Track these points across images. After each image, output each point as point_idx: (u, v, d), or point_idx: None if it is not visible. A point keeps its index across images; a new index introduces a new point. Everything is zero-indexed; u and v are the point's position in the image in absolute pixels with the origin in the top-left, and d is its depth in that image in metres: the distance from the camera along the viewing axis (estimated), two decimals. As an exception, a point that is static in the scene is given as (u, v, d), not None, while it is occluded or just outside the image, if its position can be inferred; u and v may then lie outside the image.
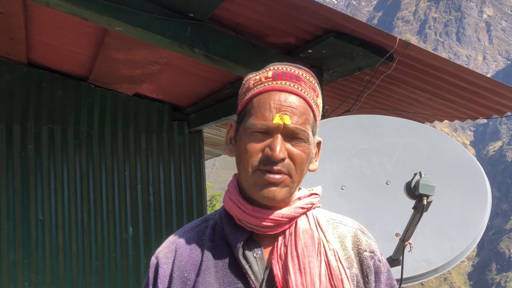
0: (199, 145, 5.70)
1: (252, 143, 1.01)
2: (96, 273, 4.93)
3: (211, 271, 1.02)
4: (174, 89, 5.05)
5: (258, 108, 1.01)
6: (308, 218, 1.06)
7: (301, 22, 2.87)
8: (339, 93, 3.94)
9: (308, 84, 1.05)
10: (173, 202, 5.42)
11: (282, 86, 1.02)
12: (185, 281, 1.03)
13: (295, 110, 1.00)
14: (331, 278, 1.01)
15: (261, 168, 0.99)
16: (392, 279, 1.13)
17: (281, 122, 0.98)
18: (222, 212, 1.10)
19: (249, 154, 1.01)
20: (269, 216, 1.01)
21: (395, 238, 1.88)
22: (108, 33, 3.47)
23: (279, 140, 0.98)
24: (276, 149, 0.97)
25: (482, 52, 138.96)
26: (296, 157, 1.00)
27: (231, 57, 3.04)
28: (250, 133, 1.01)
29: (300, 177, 1.03)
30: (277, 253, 1.01)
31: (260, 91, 1.03)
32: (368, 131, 2.24)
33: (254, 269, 1.01)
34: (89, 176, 5.03)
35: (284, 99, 1.01)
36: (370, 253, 1.10)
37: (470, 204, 2.03)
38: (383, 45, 2.96)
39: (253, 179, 1.00)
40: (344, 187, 2.08)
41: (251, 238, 1.04)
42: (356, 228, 1.13)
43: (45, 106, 4.87)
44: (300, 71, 1.07)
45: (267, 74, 1.05)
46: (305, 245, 1.01)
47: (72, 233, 4.86)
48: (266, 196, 0.99)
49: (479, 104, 3.86)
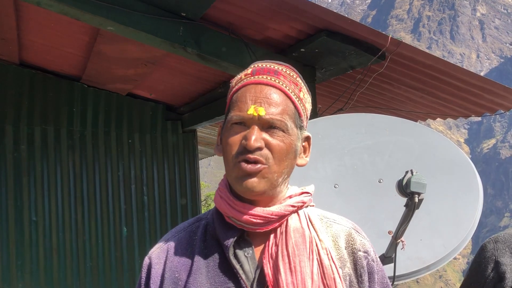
0: (193, 145, 5.69)
1: (231, 136, 1.02)
2: (91, 273, 4.91)
3: (202, 271, 1.01)
4: (167, 88, 5.04)
5: (236, 102, 1.03)
6: (300, 216, 1.06)
7: (293, 21, 2.88)
8: (332, 92, 3.95)
9: (288, 78, 1.06)
10: (167, 202, 5.41)
11: (259, 79, 1.04)
12: (176, 282, 1.03)
13: (271, 101, 1.01)
14: (324, 277, 1.00)
15: (239, 159, 1.00)
16: (386, 278, 1.13)
17: (256, 114, 0.99)
18: (214, 211, 1.10)
19: (229, 147, 1.01)
20: (258, 213, 1.01)
21: (388, 235, 1.89)
22: (100, 33, 3.46)
23: (254, 131, 0.99)
24: (251, 138, 0.98)
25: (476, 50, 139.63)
26: (273, 146, 1.00)
27: (224, 56, 3.04)
28: (229, 126, 1.03)
29: (279, 167, 1.01)
30: (268, 252, 1.01)
31: (239, 87, 1.05)
32: (360, 130, 2.25)
33: (245, 268, 1.00)
34: (82, 177, 5.01)
35: (259, 90, 1.02)
36: (364, 253, 1.09)
37: (461, 201, 2.04)
38: (375, 43, 2.97)
39: (233, 172, 1.01)
40: (337, 185, 2.09)
41: (242, 237, 1.04)
42: (350, 227, 1.13)
43: (38, 106, 4.84)
44: (280, 66, 1.08)
45: (247, 71, 1.08)
46: (295, 244, 1.01)
47: (66, 234, 4.84)
48: (245, 187, 0.99)
49: (471, 102, 3.88)
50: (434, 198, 1.92)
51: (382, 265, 1.84)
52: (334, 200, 2.02)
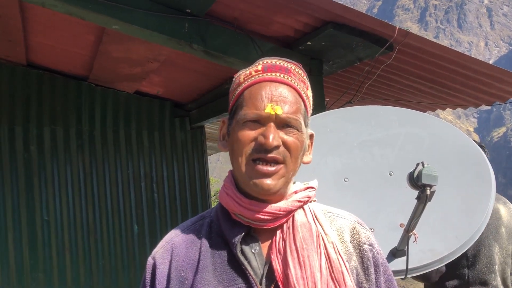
0: (201, 141, 5.70)
1: (244, 132, 1.01)
2: (103, 272, 4.95)
3: (209, 269, 1.01)
4: (174, 85, 5.04)
5: (250, 99, 1.02)
6: (305, 211, 1.06)
7: (299, 14, 2.86)
8: (340, 85, 3.92)
9: (297, 76, 1.06)
10: (177, 199, 5.43)
11: (273, 77, 1.04)
12: (182, 281, 1.02)
13: (286, 99, 1.01)
14: (332, 271, 1.00)
15: (254, 157, 1.00)
16: (389, 269, 1.14)
17: (273, 112, 0.99)
18: (219, 208, 1.10)
19: (242, 143, 1.01)
20: (266, 210, 1.01)
21: (400, 228, 1.87)
22: (106, 32, 3.46)
23: (272, 128, 0.99)
24: (270, 136, 0.98)
25: (484, 38, 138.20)
26: (290, 144, 1.01)
27: (230, 52, 3.03)
28: (242, 123, 1.02)
29: (295, 166, 1.03)
30: (275, 248, 1.01)
31: (251, 83, 1.05)
32: (369, 122, 2.22)
33: (253, 264, 1.00)
34: (92, 176, 5.04)
35: (275, 89, 1.02)
36: (369, 245, 1.09)
37: (474, 192, 2.01)
38: (382, 34, 2.93)
39: (246, 170, 1.01)
40: (347, 179, 2.07)
41: (249, 234, 1.03)
42: (354, 221, 1.13)
43: (46, 107, 4.87)
44: (289, 64, 1.08)
45: (257, 67, 1.07)
46: (303, 239, 1.01)
47: (78, 233, 4.87)
48: (260, 188, 0.99)
49: (481, 91, 3.83)
50: (446, 190, 1.90)
51: (395, 258, 1.83)
52: (345, 193, 2.00)
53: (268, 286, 0.99)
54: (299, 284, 0.97)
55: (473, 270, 2.40)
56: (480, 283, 2.38)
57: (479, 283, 2.37)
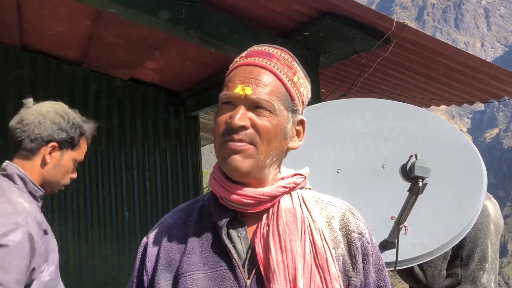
0: (195, 131, 5.67)
1: (220, 116, 1.03)
2: (92, 258, 4.93)
3: (196, 251, 1.03)
4: (169, 73, 5.01)
5: (227, 83, 1.05)
6: (292, 197, 1.06)
7: (297, 3, 2.84)
8: (336, 77, 3.92)
9: (282, 61, 1.06)
10: (169, 187, 5.42)
11: (250, 61, 1.05)
12: (170, 261, 1.05)
13: (259, 82, 1.01)
14: (316, 257, 1.01)
15: (225, 139, 1.00)
16: (381, 260, 1.13)
17: (242, 93, 1.00)
18: (210, 193, 1.11)
19: (217, 125, 1.03)
20: (249, 194, 1.02)
21: (390, 221, 1.87)
22: (102, 15, 3.42)
23: (240, 110, 1.00)
24: (236, 117, 0.98)
25: (481, 38, 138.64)
26: (259, 126, 1.00)
27: (226, 40, 3.01)
28: (219, 107, 1.04)
29: (267, 148, 1.01)
30: (260, 232, 1.02)
31: (232, 68, 1.07)
32: (364, 115, 2.22)
33: (238, 248, 1.02)
34: (84, 162, 4.97)
35: (249, 71, 1.03)
36: (359, 234, 1.09)
37: (465, 187, 2.02)
38: (380, 27, 2.93)
39: (220, 152, 1.02)
40: (340, 170, 2.07)
41: (236, 218, 1.05)
42: (345, 209, 1.13)
43: (39, 91, 4.81)
44: (275, 50, 1.08)
45: (242, 54, 1.09)
46: (286, 224, 1.02)
47: (68, 219, 4.84)
48: (229, 165, 1.00)
49: (476, 88, 3.84)
50: (438, 184, 1.90)
51: (385, 250, 1.83)
52: (337, 185, 2.00)
53: (251, 270, 1.00)
54: (279, 268, 0.98)
55: (466, 269, 2.41)
56: (470, 281, 2.39)
57: (469, 281, 2.39)
